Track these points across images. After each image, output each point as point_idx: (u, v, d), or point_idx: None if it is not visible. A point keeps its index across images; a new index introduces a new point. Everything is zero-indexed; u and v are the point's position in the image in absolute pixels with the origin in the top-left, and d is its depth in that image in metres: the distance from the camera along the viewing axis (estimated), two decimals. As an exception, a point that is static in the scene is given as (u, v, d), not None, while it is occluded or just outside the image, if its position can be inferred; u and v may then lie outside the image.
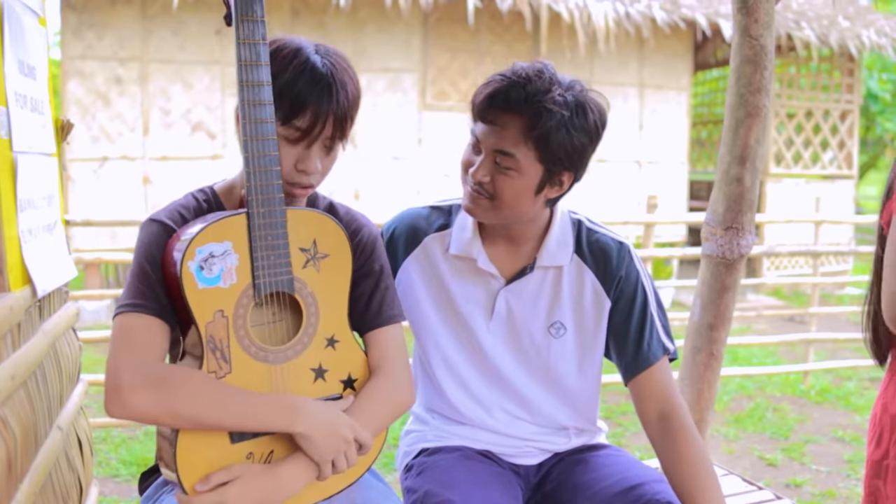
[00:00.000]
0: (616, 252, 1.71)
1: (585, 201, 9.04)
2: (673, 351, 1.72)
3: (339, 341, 1.46)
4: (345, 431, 1.39)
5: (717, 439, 4.61)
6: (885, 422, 1.54)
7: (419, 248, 1.75)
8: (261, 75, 1.35)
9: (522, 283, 1.71)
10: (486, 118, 1.56)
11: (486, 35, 8.69)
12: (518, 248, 1.71)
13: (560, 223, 1.71)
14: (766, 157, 10.35)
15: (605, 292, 1.70)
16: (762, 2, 1.86)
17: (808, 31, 9.35)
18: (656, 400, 1.68)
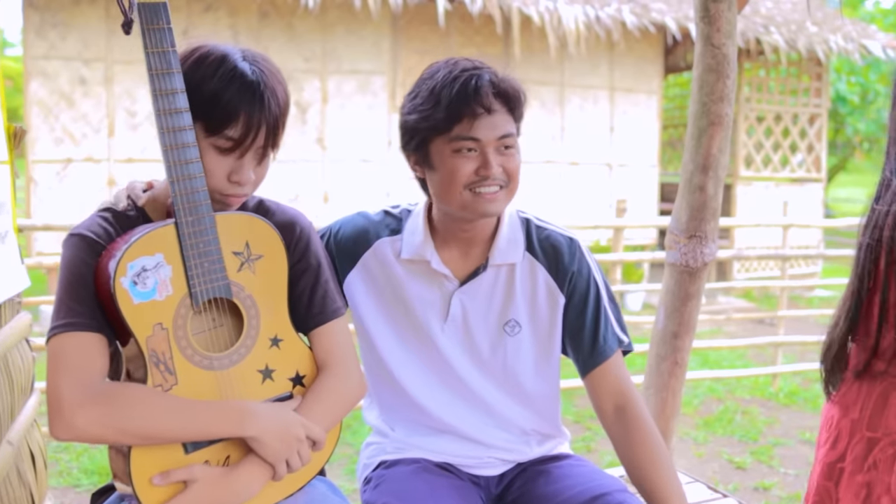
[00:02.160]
0: (567, 248, 1.70)
1: (557, 204, 9.06)
2: (627, 343, 1.74)
3: (283, 340, 1.46)
4: (296, 430, 1.40)
5: (687, 443, 4.61)
6: (844, 426, 1.54)
7: (369, 252, 1.72)
8: (174, 83, 1.32)
9: (476, 283, 1.69)
10: (479, 112, 1.52)
11: (457, 38, 8.67)
12: (470, 249, 1.69)
13: (509, 222, 1.70)
14: (735, 161, 10.43)
15: (558, 288, 1.70)
16: (724, 11, 1.85)
17: (777, 36, 9.43)
18: (612, 393, 1.69)
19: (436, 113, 1.53)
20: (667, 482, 1.62)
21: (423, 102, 1.55)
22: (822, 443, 1.59)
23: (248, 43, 7.80)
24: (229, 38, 7.75)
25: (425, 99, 1.55)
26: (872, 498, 1.48)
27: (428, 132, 1.56)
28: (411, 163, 1.63)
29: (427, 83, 1.57)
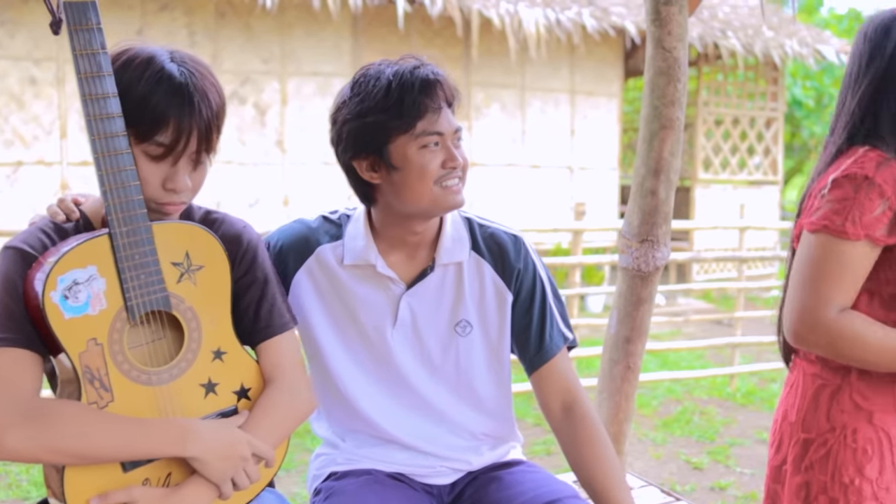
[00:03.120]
0: (512, 245, 1.69)
1: (518, 207, 9.07)
2: (572, 339, 1.73)
3: (227, 352, 1.42)
4: (241, 449, 1.36)
5: (645, 444, 4.63)
6: (785, 429, 1.56)
7: (311, 258, 1.68)
8: (105, 87, 1.27)
9: (424, 284, 1.67)
10: (440, 106, 1.52)
11: (418, 40, 8.64)
12: (416, 252, 1.66)
13: (452, 221, 1.68)
14: (694, 164, 10.55)
15: (505, 286, 1.68)
16: (675, 14, 1.84)
17: (734, 41, 9.55)
18: (559, 390, 1.69)
19: (399, 110, 1.49)
20: (614, 481, 1.61)
21: (379, 102, 1.50)
22: (770, 444, 1.63)
23: (205, 43, 7.70)
24: (185, 39, 7.64)
25: (381, 98, 1.50)
26: (810, 498, 1.51)
27: (390, 132, 1.51)
28: (363, 168, 1.55)
29: (374, 83, 1.52)
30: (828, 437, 1.49)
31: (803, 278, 1.43)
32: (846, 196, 1.40)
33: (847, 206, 1.39)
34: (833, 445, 1.48)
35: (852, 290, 1.41)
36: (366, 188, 1.59)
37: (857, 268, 1.40)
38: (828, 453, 1.48)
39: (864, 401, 1.47)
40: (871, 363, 1.43)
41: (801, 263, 1.44)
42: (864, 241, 1.39)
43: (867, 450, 1.46)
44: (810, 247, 1.43)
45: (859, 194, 1.39)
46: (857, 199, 1.39)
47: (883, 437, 1.47)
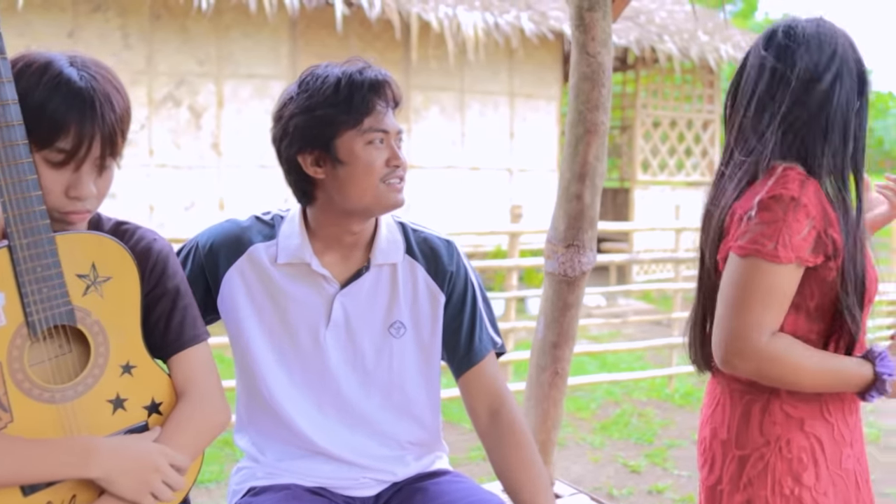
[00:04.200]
0: (445, 249, 1.71)
1: (457, 209, 9.07)
2: (500, 345, 1.75)
3: (136, 366, 1.37)
4: (153, 460, 1.31)
5: (583, 447, 4.65)
6: (716, 448, 1.54)
7: (243, 258, 1.65)
8: (4, 93, 1.22)
9: (358, 284, 1.65)
10: (387, 106, 1.56)
11: (356, 42, 8.58)
12: (351, 253, 1.66)
13: (386, 224, 1.69)
14: (633, 165, 10.68)
15: (438, 288, 1.69)
16: (599, 20, 1.84)
17: (671, 45, 9.70)
18: (486, 395, 1.69)
19: (348, 106, 1.51)
20: (539, 488, 1.62)
21: (328, 98, 1.52)
22: (701, 465, 1.60)
23: (139, 46, 7.54)
24: (119, 41, 7.48)
25: (330, 94, 1.52)
26: None
27: (338, 126, 1.52)
28: (308, 163, 1.55)
29: (323, 81, 1.54)
30: (763, 450, 1.48)
31: (733, 303, 1.40)
32: (775, 218, 1.37)
33: (777, 228, 1.36)
34: (770, 458, 1.48)
35: (782, 312, 1.40)
36: (307, 185, 1.59)
37: (786, 290, 1.39)
38: (765, 467, 1.48)
39: (794, 410, 1.48)
40: (803, 386, 1.44)
41: (730, 288, 1.41)
42: (797, 262, 1.37)
43: (802, 458, 1.47)
44: (739, 271, 1.40)
45: (788, 216, 1.37)
46: (787, 221, 1.36)
47: (815, 443, 1.48)
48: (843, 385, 1.43)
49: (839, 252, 1.40)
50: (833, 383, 1.43)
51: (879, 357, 1.42)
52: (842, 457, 1.49)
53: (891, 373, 1.41)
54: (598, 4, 1.85)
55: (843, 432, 1.50)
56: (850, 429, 1.52)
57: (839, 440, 1.49)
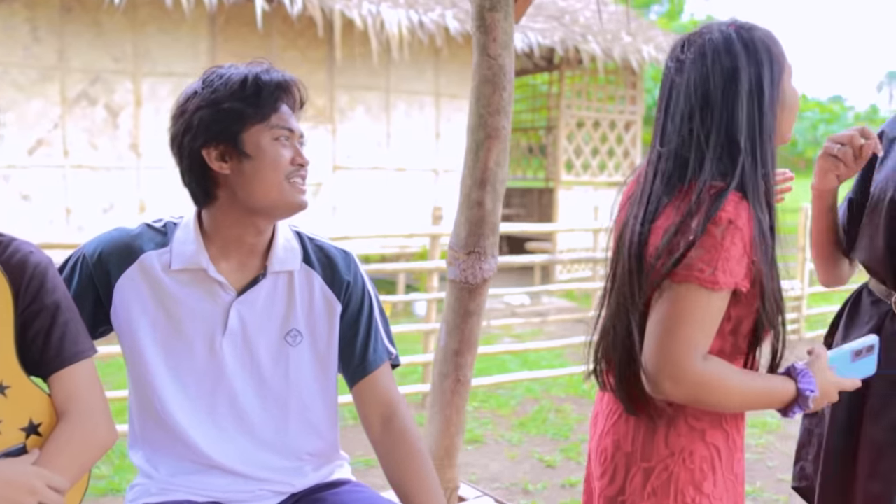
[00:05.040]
0: (342, 258, 1.72)
1: (383, 210, 9.03)
2: (395, 356, 1.76)
3: (10, 386, 1.32)
4: (30, 482, 1.27)
5: (501, 445, 4.68)
6: (619, 460, 1.54)
7: (134, 266, 1.59)
8: None
9: (255, 292, 1.62)
10: (293, 106, 1.59)
11: (278, 40, 8.47)
12: (248, 260, 1.63)
13: (283, 231, 1.68)
14: (557, 166, 10.80)
15: (335, 297, 1.68)
16: (500, 21, 1.83)
17: (594, 45, 9.83)
18: (379, 404, 1.69)
19: (256, 100, 1.51)
20: (430, 496, 1.62)
21: (235, 92, 1.50)
22: (599, 475, 1.59)
23: (49, 39, 7.29)
24: (27, 35, 7.21)
25: (237, 89, 1.51)
26: None
27: (246, 119, 1.51)
28: (212, 157, 1.52)
29: (228, 78, 1.52)
30: (668, 462, 1.49)
31: (668, 329, 1.35)
32: (714, 244, 1.32)
33: (716, 254, 1.32)
34: (674, 469, 1.48)
35: (713, 335, 1.38)
36: (208, 183, 1.56)
37: (719, 314, 1.37)
38: (669, 477, 1.48)
39: (697, 422, 1.49)
40: (733, 407, 1.45)
41: (666, 313, 1.36)
42: (734, 288, 1.35)
43: (703, 468, 1.49)
44: (674, 297, 1.35)
45: (725, 240, 1.32)
46: (724, 246, 1.32)
47: (714, 452, 1.50)
48: (768, 403, 1.45)
49: (762, 277, 1.37)
50: (760, 402, 1.45)
51: (801, 374, 1.45)
52: (734, 462, 1.52)
53: (812, 389, 1.43)
54: (500, 5, 1.84)
55: (736, 439, 1.53)
56: (741, 434, 1.55)
57: (732, 447, 1.52)
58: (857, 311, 1.86)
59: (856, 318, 1.85)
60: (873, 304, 1.81)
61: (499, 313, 8.85)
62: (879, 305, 1.78)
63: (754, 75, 1.38)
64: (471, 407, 5.36)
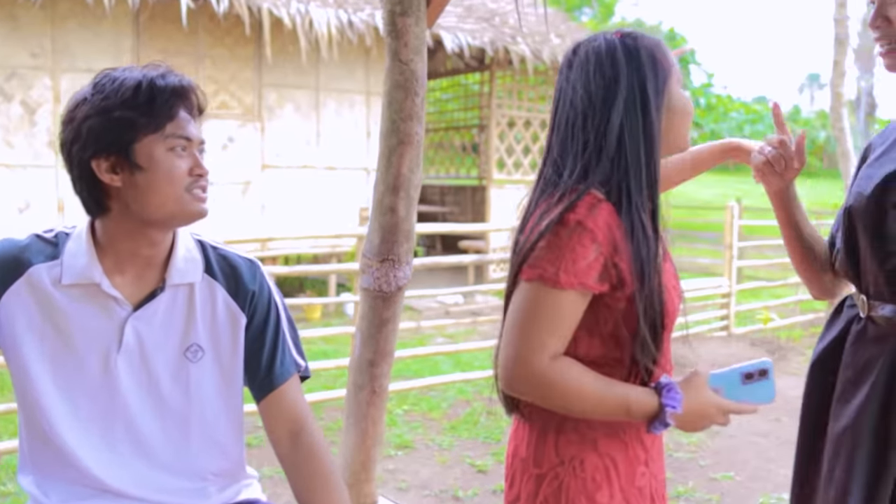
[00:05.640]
0: (247, 268, 1.64)
1: (313, 210, 8.92)
2: (304, 368, 1.70)
3: None
4: None
5: (432, 450, 4.64)
6: (517, 465, 1.53)
7: (21, 281, 1.50)
8: None
9: (153, 306, 1.54)
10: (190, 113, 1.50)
11: (205, 38, 8.28)
12: (145, 272, 1.54)
13: (184, 241, 1.59)
14: (489, 164, 10.83)
15: (239, 309, 1.61)
16: (412, 26, 1.79)
17: (524, 47, 9.87)
18: (287, 419, 1.63)
19: (149, 109, 1.43)
20: None
21: (127, 100, 1.42)
22: (505, 479, 1.59)
23: (-40, 35, 7.00)
24: (-63, 29, 6.91)
25: (129, 97, 1.42)
26: None
27: (138, 129, 1.43)
28: (102, 169, 1.44)
29: (120, 83, 1.43)
30: (558, 470, 1.47)
31: (516, 326, 1.38)
32: (560, 244, 1.34)
33: (560, 254, 1.34)
34: (564, 478, 1.46)
35: (566, 336, 1.39)
36: (99, 194, 1.47)
37: (569, 315, 1.37)
38: (560, 486, 1.46)
39: (589, 430, 1.47)
40: (586, 412, 1.42)
41: (515, 311, 1.39)
42: (579, 288, 1.35)
43: (595, 478, 1.46)
44: (524, 295, 1.38)
45: (572, 241, 1.34)
46: (571, 247, 1.34)
47: (609, 463, 1.47)
48: (626, 413, 1.41)
49: (626, 283, 1.37)
50: (616, 411, 1.41)
51: (666, 388, 1.41)
52: (636, 475, 1.49)
53: (674, 405, 1.39)
54: (412, 9, 1.80)
55: (638, 452, 1.50)
56: (647, 448, 1.52)
57: (633, 459, 1.49)
58: (836, 318, 1.83)
59: (832, 324, 1.83)
60: (849, 308, 1.80)
61: (432, 313, 8.83)
62: (853, 310, 1.77)
63: (637, 82, 1.40)
64: (401, 410, 5.31)
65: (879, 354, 1.65)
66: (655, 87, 1.42)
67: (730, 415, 1.45)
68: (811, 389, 1.82)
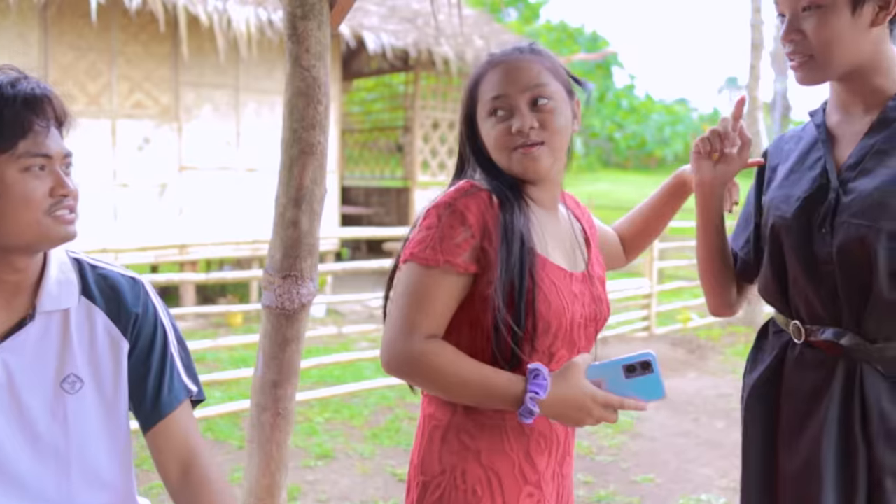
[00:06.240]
0: (129, 288, 1.52)
1: (234, 213, 8.71)
2: (196, 392, 1.58)
3: None
4: None
5: (353, 459, 4.55)
6: (412, 472, 1.54)
7: None
8: None
9: (22, 336, 1.41)
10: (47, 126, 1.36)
11: (118, 34, 8.01)
12: (13, 299, 1.41)
13: (57, 263, 1.46)
14: (413, 166, 10.77)
15: (121, 333, 1.49)
16: (314, 30, 1.70)
17: (447, 48, 9.84)
18: (177, 450, 1.52)
19: None
20: None
21: None
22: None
23: None
24: None
25: None
26: None
27: None
28: None
29: None
30: (440, 479, 1.46)
31: (395, 308, 1.42)
32: (431, 224, 1.42)
33: (431, 234, 1.41)
34: (445, 488, 1.45)
35: (438, 316, 1.41)
36: None
37: (440, 294, 1.40)
38: (441, 496, 1.46)
39: (472, 440, 1.46)
40: (452, 393, 1.42)
41: (395, 294, 1.45)
42: (446, 266, 1.39)
43: (477, 490, 1.44)
44: (399, 277, 1.44)
45: (441, 221, 1.41)
46: (440, 227, 1.40)
47: (492, 476, 1.45)
48: (492, 398, 1.39)
49: (492, 268, 1.40)
50: (483, 395, 1.39)
51: (532, 374, 1.37)
52: (521, 495, 1.47)
53: (538, 391, 1.35)
54: (313, 13, 1.71)
55: (527, 472, 1.48)
56: (538, 471, 1.50)
57: (520, 478, 1.47)
58: (763, 345, 1.79)
59: (760, 352, 1.78)
60: (776, 334, 1.74)
61: (356, 316, 8.72)
62: (781, 336, 1.72)
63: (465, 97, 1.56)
64: (322, 419, 5.21)
65: (827, 380, 1.60)
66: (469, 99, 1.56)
67: (616, 411, 1.39)
68: (752, 423, 1.75)
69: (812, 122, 1.71)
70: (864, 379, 1.56)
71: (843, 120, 1.65)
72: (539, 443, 1.49)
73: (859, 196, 1.54)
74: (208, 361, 6.62)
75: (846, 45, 1.53)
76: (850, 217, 1.53)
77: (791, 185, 1.66)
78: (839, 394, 1.58)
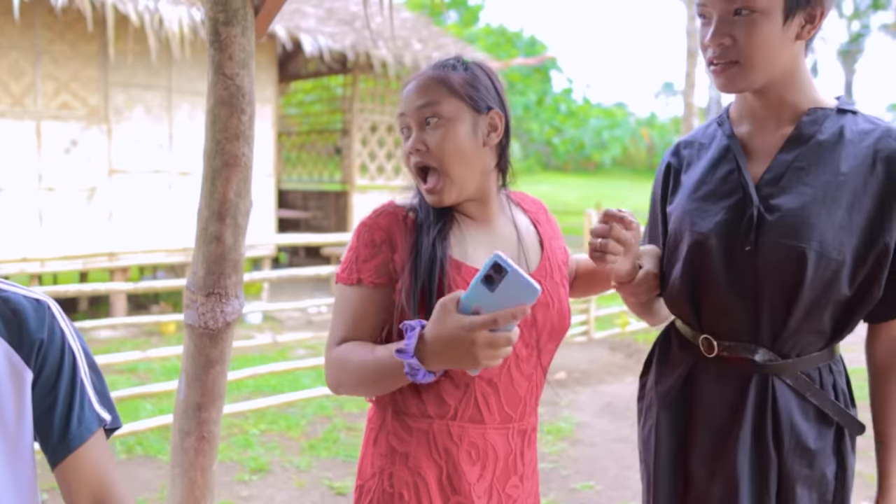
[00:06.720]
0: (33, 311, 1.39)
1: (165, 217, 8.49)
2: (111, 420, 1.45)
3: None
4: None
5: (289, 472, 4.44)
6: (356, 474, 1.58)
7: None
8: None
9: None
10: None
11: (43, 32, 7.73)
12: None
13: None
14: (351, 169, 10.66)
15: (23, 362, 1.36)
16: (238, 37, 1.61)
17: (385, 51, 9.75)
18: (88, 485, 1.39)
19: None
20: None
21: None
22: None
23: None
24: None
25: None
26: None
27: None
28: None
29: None
30: (371, 483, 1.48)
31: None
32: (352, 246, 1.50)
33: (350, 255, 1.50)
34: (375, 491, 1.47)
35: (360, 329, 1.47)
36: None
37: (359, 309, 1.47)
38: (371, 499, 1.47)
39: (400, 443, 1.47)
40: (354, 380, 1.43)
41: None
42: (359, 283, 1.47)
43: (403, 494, 1.44)
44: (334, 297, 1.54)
45: (356, 241, 1.49)
46: (357, 247, 1.48)
47: (419, 480, 1.45)
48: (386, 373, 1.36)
49: (401, 277, 1.45)
50: (380, 373, 1.38)
51: (405, 328, 1.31)
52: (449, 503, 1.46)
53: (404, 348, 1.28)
54: (237, 19, 1.62)
55: (455, 482, 1.46)
56: (468, 482, 1.46)
57: (447, 486, 1.46)
58: (668, 357, 1.74)
59: (667, 364, 1.73)
60: (681, 347, 1.70)
61: (294, 323, 8.58)
62: (689, 349, 1.67)
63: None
64: (257, 430, 5.08)
65: (742, 396, 1.58)
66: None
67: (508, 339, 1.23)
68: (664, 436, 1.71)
69: (720, 132, 1.67)
70: (777, 393, 1.57)
71: (755, 132, 1.62)
72: (470, 453, 1.47)
73: (785, 215, 1.51)
74: (140, 372, 6.43)
75: (773, 54, 1.50)
76: (778, 237, 1.51)
77: (704, 198, 1.62)
78: (753, 409, 1.58)
